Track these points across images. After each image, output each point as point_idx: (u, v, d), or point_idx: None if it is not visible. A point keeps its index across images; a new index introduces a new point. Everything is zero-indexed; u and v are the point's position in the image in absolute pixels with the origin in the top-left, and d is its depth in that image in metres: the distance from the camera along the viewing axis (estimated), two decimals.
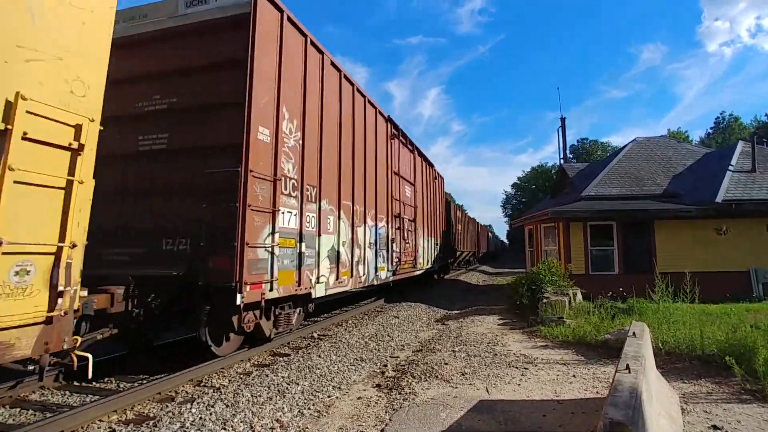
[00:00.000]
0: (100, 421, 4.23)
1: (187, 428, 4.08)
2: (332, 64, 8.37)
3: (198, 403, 4.63)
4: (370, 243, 10.13)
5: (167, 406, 4.62)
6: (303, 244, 7.01)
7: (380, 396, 5.13)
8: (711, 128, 64.93)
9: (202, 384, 5.39)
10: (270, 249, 6.01)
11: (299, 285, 6.90)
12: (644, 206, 13.67)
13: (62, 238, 3.68)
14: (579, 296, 11.40)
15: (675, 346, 6.74)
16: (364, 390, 5.38)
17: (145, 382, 5.24)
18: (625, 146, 19.52)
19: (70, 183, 3.77)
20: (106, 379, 5.55)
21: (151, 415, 4.39)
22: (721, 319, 8.46)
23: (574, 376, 5.84)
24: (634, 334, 4.78)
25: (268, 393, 5.02)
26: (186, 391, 5.12)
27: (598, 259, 13.82)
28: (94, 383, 5.33)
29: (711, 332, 6.96)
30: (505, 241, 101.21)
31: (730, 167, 14.31)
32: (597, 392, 5.15)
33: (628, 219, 13.72)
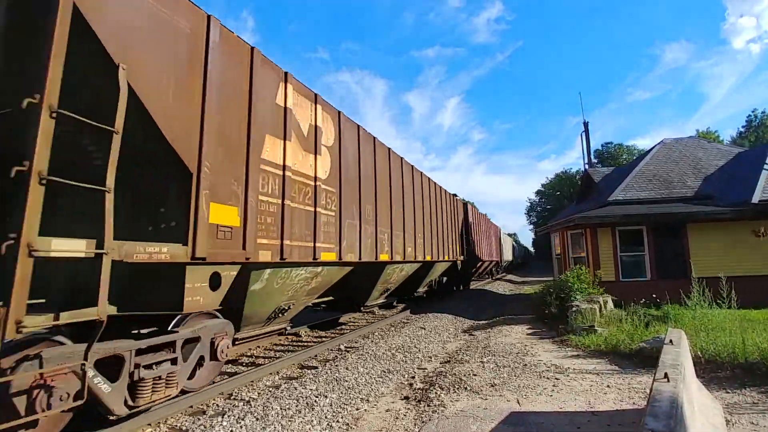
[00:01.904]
0: None
1: None
2: None
3: (228, 416, 4.67)
4: None
5: (199, 419, 4.68)
6: None
7: (409, 408, 5.08)
8: (743, 127, 62.70)
9: (232, 397, 5.45)
10: None
11: None
12: (675, 209, 13.25)
13: None
14: (610, 304, 11.08)
15: (715, 354, 6.45)
16: (393, 402, 5.34)
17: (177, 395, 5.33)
18: (652, 148, 19.03)
19: None
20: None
21: (184, 428, 4.45)
22: (764, 325, 8.08)
23: (608, 386, 5.65)
24: (671, 341, 4.61)
25: (296, 406, 5.04)
26: (217, 405, 5.18)
27: (628, 265, 13.43)
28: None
29: (753, 339, 6.66)
30: (531, 249, 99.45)
31: (766, 166, 13.75)
32: (634, 403, 4.97)
33: (659, 223, 13.31)
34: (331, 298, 9.52)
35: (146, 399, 4.26)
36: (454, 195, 18.45)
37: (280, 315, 6.97)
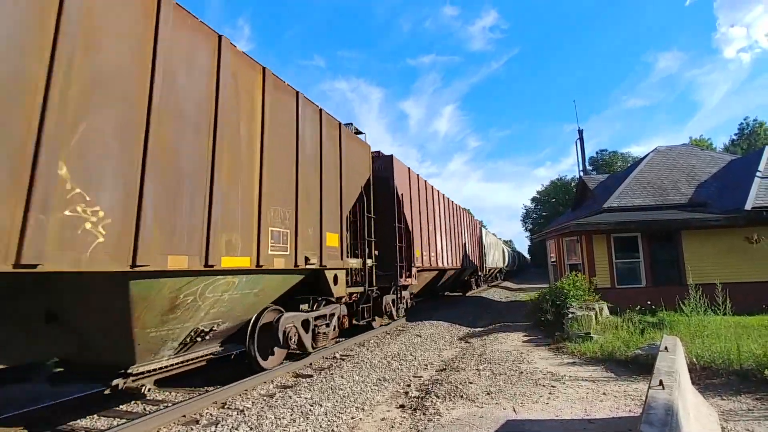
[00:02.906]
0: None
1: None
2: None
3: (222, 425, 4.62)
4: None
5: (192, 429, 4.63)
6: None
7: (404, 417, 5.04)
8: (735, 134, 63.27)
9: (226, 406, 5.39)
10: None
11: None
12: (669, 216, 13.32)
13: None
14: (605, 310, 11.08)
15: (710, 361, 6.46)
16: (388, 411, 5.30)
17: (170, 404, 5.27)
18: (646, 156, 19.16)
19: None
20: (132, 402, 5.61)
21: None
22: (759, 331, 8.11)
23: (604, 393, 5.64)
24: (666, 348, 4.61)
25: (291, 415, 4.99)
26: (210, 414, 5.13)
27: (623, 272, 13.47)
28: (120, 406, 5.39)
29: (748, 346, 6.67)
30: (527, 255, 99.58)
31: (758, 173, 13.88)
32: (629, 410, 4.96)
33: (654, 230, 13.38)
34: None
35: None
36: (350, 127, 9.61)
37: None
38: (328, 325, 8.11)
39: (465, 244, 21.06)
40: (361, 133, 10.28)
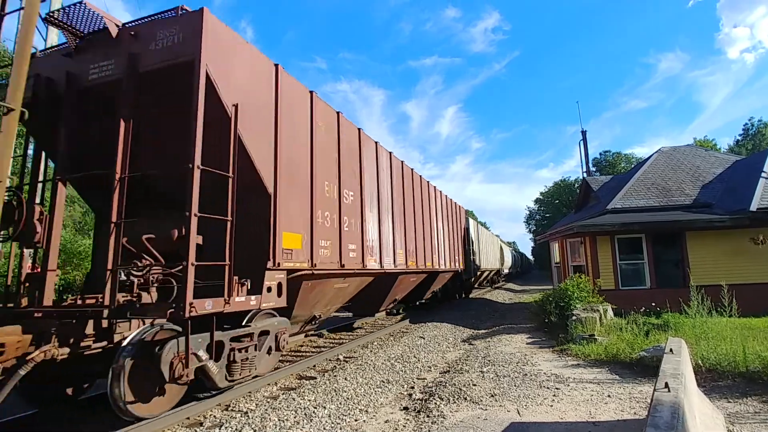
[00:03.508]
0: None
1: None
2: None
3: (226, 427, 4.63)
4: None
5: (196, 431, 4.64)
6: None
7: (408, 419, 5.03)
8: (739, 135, 62.94)
9: (230, 408, 5.40)
10: None
11: None
12: (674, 217, 13.27)
13: None
14: (610, 312, 11.04)
15: (716, 363, 6.42)
16: (392, 413, 5.29)
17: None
18: (649, 157, 19.11)
19: None
20: None
21: None
22: (765, 333, 8.06)
23: (609, 396, 5.61)
24: (671, 350, 4.59)
25: (295, 417, 4.99)
26: (214, 416, 5.13)
27: (627, 274, 13.42)
28: None
29: (754, 348, 6.63)
30: (530, 257, 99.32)
31: (763, 174, 13.81)
32: (635, 413, 4.93)
33: (658, 231, 13.32)
34: None
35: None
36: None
37: None
38: None
39: (439, 237, 15.12)
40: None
